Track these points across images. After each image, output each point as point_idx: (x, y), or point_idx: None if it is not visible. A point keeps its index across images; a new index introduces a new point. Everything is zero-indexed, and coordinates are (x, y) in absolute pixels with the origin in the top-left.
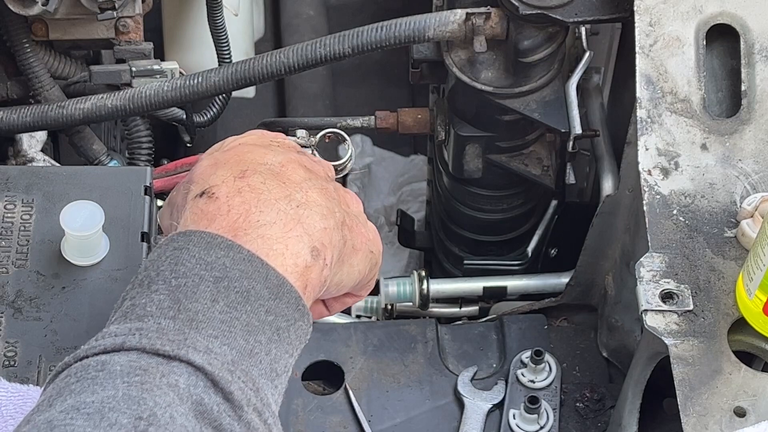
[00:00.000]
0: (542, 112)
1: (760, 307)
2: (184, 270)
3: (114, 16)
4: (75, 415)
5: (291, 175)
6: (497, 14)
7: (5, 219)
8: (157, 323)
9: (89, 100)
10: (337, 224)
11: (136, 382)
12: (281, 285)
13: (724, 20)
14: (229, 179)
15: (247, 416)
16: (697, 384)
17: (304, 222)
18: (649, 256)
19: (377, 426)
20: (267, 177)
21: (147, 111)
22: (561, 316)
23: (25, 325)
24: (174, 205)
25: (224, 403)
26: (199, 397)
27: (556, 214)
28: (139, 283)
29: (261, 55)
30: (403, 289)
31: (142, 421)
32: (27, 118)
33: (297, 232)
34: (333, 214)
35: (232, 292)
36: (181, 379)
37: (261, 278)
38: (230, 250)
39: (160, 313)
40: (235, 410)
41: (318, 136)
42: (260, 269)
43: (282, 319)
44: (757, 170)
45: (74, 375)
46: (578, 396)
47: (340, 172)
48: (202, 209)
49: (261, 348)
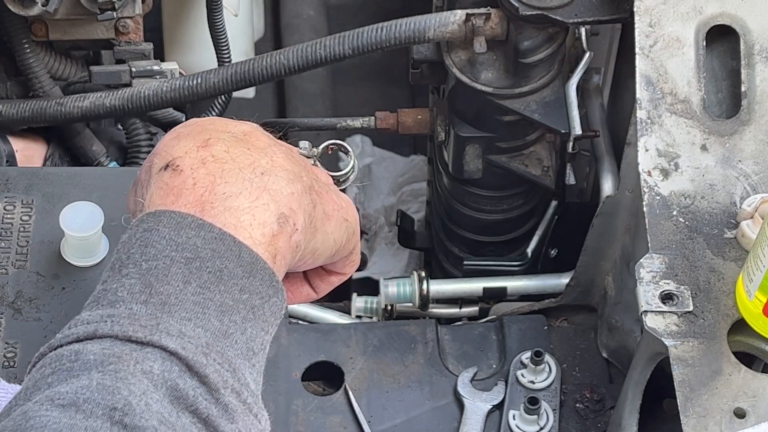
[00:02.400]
0: (542, 112)
1: (759, 308)
2: (154, 252)
3: (114, 16)
4: (50, 406)
5: (255, 142)
6: (497, 15)
7: (5, 220)
8: (128, 309)
9: (88, 99)
10: (305, 188)
11: (110, 371)
12: (254, 262)
13: (724, 21)
14: (192, 150)
15: (225, 398)
16: (697, 385)
17: (270, 188)
18: (649, 257)
19: (377, 426)
20: (230, 144)
21: (145, 111)
22: (561, 317)
23: (24, 325)
24: (138, 181)
25: (200, 387)
26: (174, 382)
27: (556, 215)
28: (111, 266)
29: (260, 56)
30: (403, 289)
31: (117, 411)
32: (25, 114)
33: (263, 200)
34: (300, 178)
35: (204, 273)
36: (155, 365)
37: (233, 257)
38: (201, 229)
39: (132, 298)
40: (211, 393)
41: (321, 147)
42: (232, 247)
43: (256, 297)
44: (757, 171)
45: (49, 365)
46: (578, 397)
47: (342, 184)
48: (167, 183)
49: (236, 328)
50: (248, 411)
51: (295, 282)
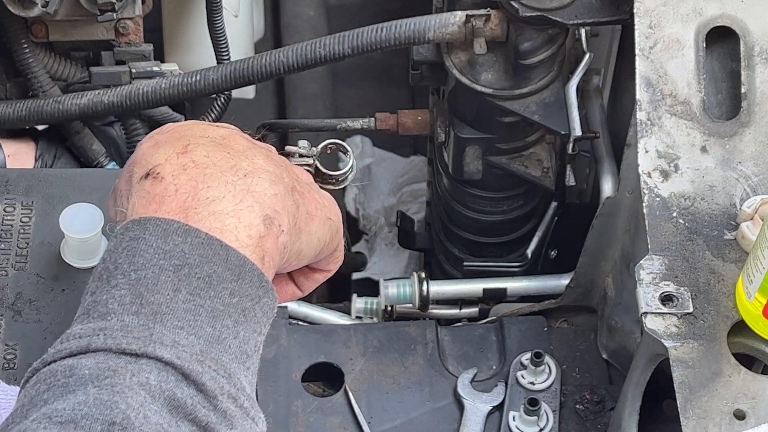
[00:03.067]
0: (542, 113)
1: (759, 310)
2: (142, 261)
3: (114, 17)
4: (47, 424)
5: (234, 145)
6: (497, 16)
7: (5, 221)
8: (120, 321)
9: (86, 96)
10: (288, 189)
11: (106, 385)
12: (242, 265)
13: (724, 22)
14: (172, 156)
15: (223, 405)
16: (696, 386)
17: (254, 191)
18: (648, 259)
19: (377, 427)
20: (210, 149)
21: (144, 108)
22: (561, 318)
23: (24, 327)
24: (118, 191)
25: (198, 395)
26: (172, 392)
27: (555, 216)
28: (98, 276)
29: (260, 54)
30: (403, 290)
31: (116, 425)
32: (23, 112)
33: (248, 203)
34: (282, 179)
35: (193, 279)
36: (151, 377)
37: (221, 261)
38: (187, 235)
39: (123, 310)
40: (209, 401)
41: (320, 146)
42: (219, 252)
43: (247, 299)
44: (757, 173)
45: (43, 382)
46: (578, 398)
47: (341, 183)
48: (149, 191)
49: (228, 332)
50: (246, 415)
51: (280, 282)
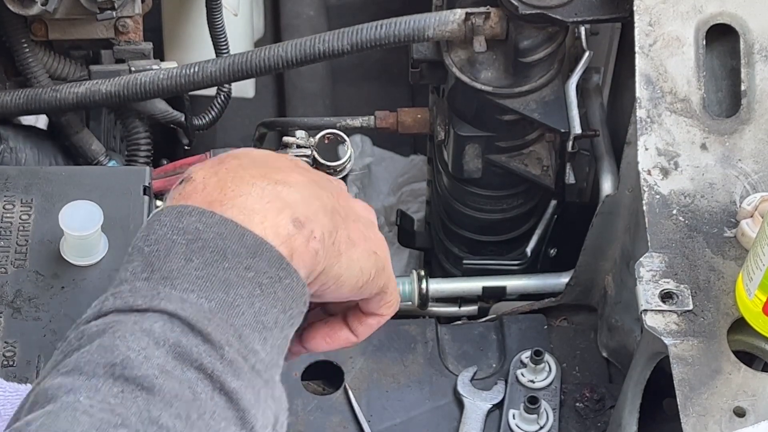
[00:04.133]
0: (542, 112)
1: (759, 307)
2: (155, 237)
3: (113, 16)
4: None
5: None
6: (497, 14)
7: (4, 219)
8: (131, 285)
9: (83, 85)
10: (324, 208)
11: (109, 333)
12: (259, 245)
13: (724, 20)
14: (208, 165)
15: (230, 355)
16: (696, 384)
17: (285, 198)
18: (648, 256)
19: (377, 426)
20: (246, 161)
21: (141, 98)
22: (561, 316)
23: (24, 325)
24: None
25: (203, 344)
26: (177, 339)
27: (555, 214)
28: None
29: (259, 48)
30: (403, 288)
31: (117, 366)
32: (20, 101)
33: (276, 205)
34: (318, 198)
35: (207, 251)
36: (156, 326)
37: (236, 238)
38: (202, 215)
39: (134, 277)
40: (215, 350)
41: (317, 137)
42: (235, 230)
43: (264, 276)
44: (757, 170)
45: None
46: (578, 396)
47: (340, 173)
48: (180, 192)
49: (243, 301)
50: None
51: (334, 326)
